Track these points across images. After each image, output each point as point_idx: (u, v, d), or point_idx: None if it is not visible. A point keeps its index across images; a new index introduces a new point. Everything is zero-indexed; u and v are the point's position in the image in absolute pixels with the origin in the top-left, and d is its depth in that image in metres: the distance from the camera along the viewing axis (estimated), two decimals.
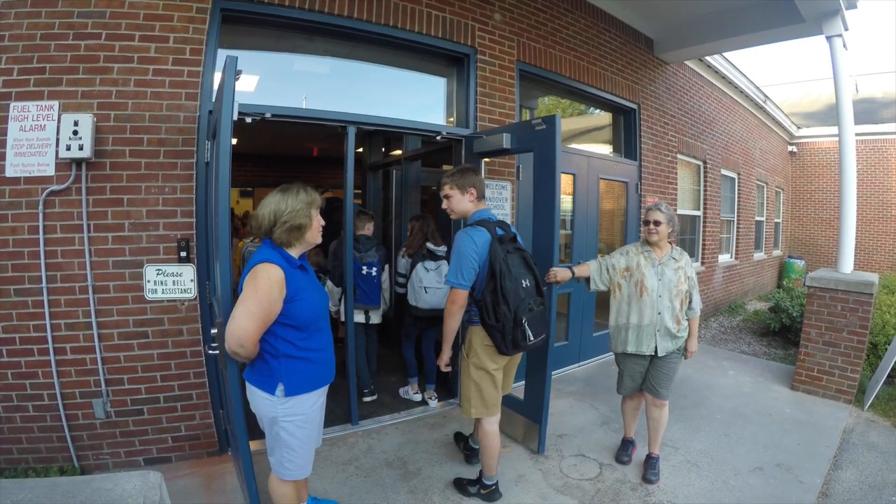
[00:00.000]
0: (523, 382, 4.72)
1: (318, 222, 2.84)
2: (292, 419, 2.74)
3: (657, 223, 3.97)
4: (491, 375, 3.60)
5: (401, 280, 5.77)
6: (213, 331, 3.07)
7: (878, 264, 15.20)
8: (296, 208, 2.74)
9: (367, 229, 5.55)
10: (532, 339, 3.40)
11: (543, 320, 3.57)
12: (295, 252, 2.80)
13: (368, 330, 5.71)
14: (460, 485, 3.90)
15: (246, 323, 2.52)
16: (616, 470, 4.23)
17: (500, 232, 3.52)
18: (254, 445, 3.50)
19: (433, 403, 5.55)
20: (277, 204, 2.75)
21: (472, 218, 3.65)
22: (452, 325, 3.49)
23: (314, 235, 2.84)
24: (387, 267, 5.70)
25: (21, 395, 3.75)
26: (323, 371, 2.86)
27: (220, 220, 2.90)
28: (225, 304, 2.81)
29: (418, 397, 5.64)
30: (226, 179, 2.86)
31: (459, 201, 3.66)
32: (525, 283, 3.44)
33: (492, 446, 3.69)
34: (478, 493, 3.80)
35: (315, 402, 2.83)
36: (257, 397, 2.75)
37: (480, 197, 3.69)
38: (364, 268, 5.35)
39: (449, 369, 3.81)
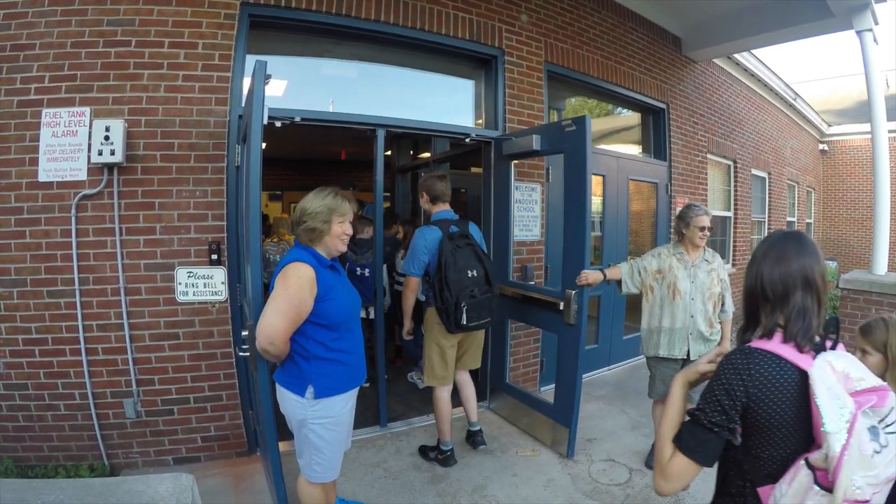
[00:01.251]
0: (553, 385, 4.69)
1: (341, 230, 2.82)
2: (321, 421, 2.74)
3: (710, 228, 3.93)
4: (442, 350, 4.15)
5: (400, 279, 5.99)
6: (244, 332, 3.08)
7: None
8: (316, 211, 2.75)
9: (367, 233, 5.76)
10: (469, 322, 3.91)
11: (487, 306, 4.03)
12: (324, 252, 2.81)
13: (372, 324, 5.85)
14: (423, 451, 4.43)
15: (276, 320, 2.53)
16: (646, 475, 4.17)
17: (454, 229, 4.03)
18: (283, 446, 3.51)
19: None
20: (305, 203, 2.79)
21: (433, 217, 4.22)
22: (407, 304, 4.21)
23: (334, 242, 2.82)
24: (385, 267, 5.92)
25: (53, 395, 3.82)
26: (353, 373, 2.86)
27: (251, 224, 2.93)
28: (256, 305, 2.82)
29: (422, 383, 5.85)
30: (257, 183, 2.89)
31: (421, 202, 4.35)
32: (472, 273, 3.96)
33: (443, 411, 4.22)
34: (435, 458, 4.31)
35: (345, 404, 2.83)
36: (287, 399, 2.76)
37: (434, 200, 4.24)
38: (358, 269, 5.66)
39: (410, 337, 4.55)
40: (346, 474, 3.94)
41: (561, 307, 4.30)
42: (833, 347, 1.50)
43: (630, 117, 7.93)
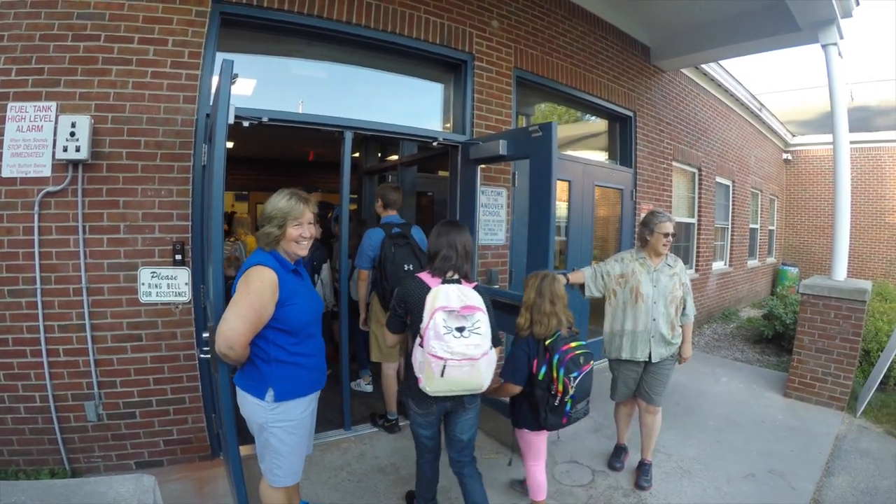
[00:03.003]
0: None
1: (297, 233, 2.74)
2: (282, 425, 2.72)
3: (674, 235, 3.99)
4: (383, 328, 4.52)
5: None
6: (206, 334, 3.05)
7: (871, 272, 15.25)
8: (271, 215, 2.72)
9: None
10: None
11: None
12: (288, 256, 2.79)
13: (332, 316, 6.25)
14: (373, 418, 5.15)
15: (236, 324, 2.50)
16: (608, 476, 4.24)
17: (396, 231, 4.75)
18: (245, 450, 3.49)
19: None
20: (264, 207, 2.77)
21: (382, 220, 4.96)
22: (362, 293, 4.92)
23: (291, 246, 2.75)
24: (325, 266, 6.09)
25: (13, 397, 3.73)
26: (314, 377, 2.85)
27: (213, 224, 2.90)
28: (217, 307, 2.81)
29: (370, 388, 6.06)
30: (220, 183, 2.87)
31: (376, 206, 5.11)
32: (407, 267, 4.63)
33: (390, 387, 4.96)
34: (382, 425, 5.00)
35: (305, 408, 2.82)
36: (247, 402, 2.73)
37: (385, 206, 5.02)
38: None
39: (367, 328, 5.07)
40: (309, 477, 3.94)
41: None
42: (459, 282, 2.93)
43: (597, 124, 8.03)
